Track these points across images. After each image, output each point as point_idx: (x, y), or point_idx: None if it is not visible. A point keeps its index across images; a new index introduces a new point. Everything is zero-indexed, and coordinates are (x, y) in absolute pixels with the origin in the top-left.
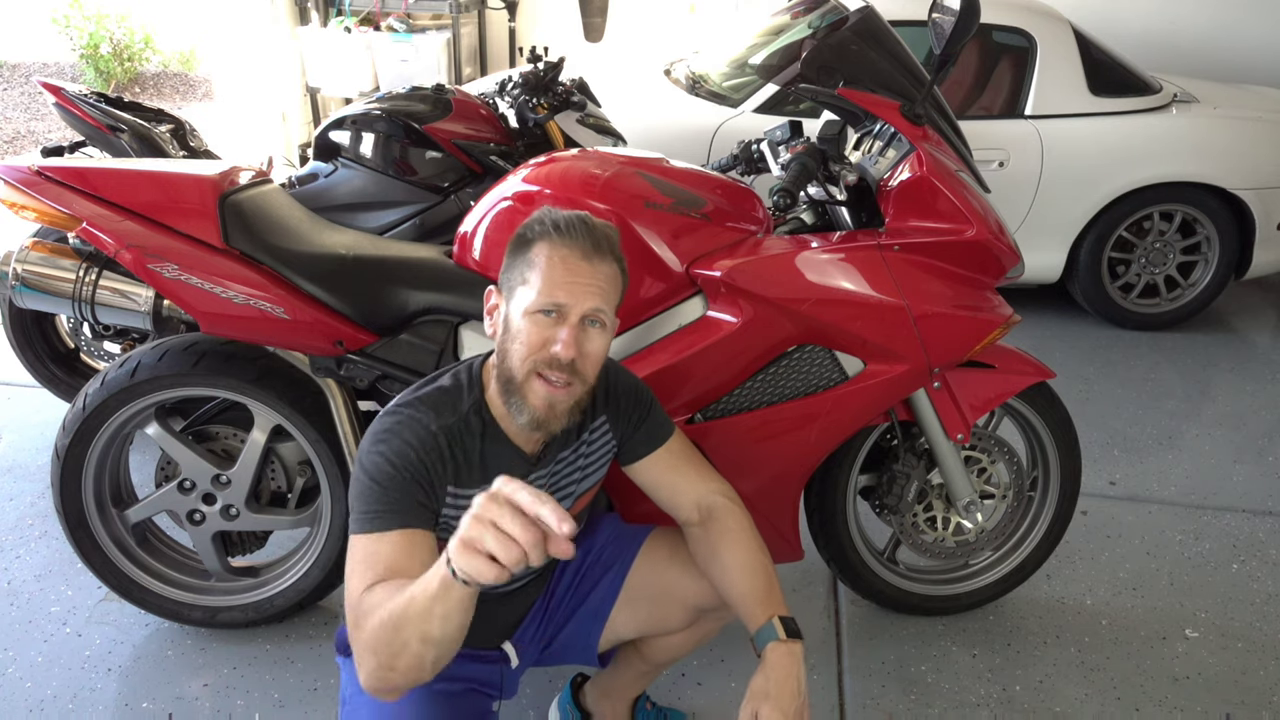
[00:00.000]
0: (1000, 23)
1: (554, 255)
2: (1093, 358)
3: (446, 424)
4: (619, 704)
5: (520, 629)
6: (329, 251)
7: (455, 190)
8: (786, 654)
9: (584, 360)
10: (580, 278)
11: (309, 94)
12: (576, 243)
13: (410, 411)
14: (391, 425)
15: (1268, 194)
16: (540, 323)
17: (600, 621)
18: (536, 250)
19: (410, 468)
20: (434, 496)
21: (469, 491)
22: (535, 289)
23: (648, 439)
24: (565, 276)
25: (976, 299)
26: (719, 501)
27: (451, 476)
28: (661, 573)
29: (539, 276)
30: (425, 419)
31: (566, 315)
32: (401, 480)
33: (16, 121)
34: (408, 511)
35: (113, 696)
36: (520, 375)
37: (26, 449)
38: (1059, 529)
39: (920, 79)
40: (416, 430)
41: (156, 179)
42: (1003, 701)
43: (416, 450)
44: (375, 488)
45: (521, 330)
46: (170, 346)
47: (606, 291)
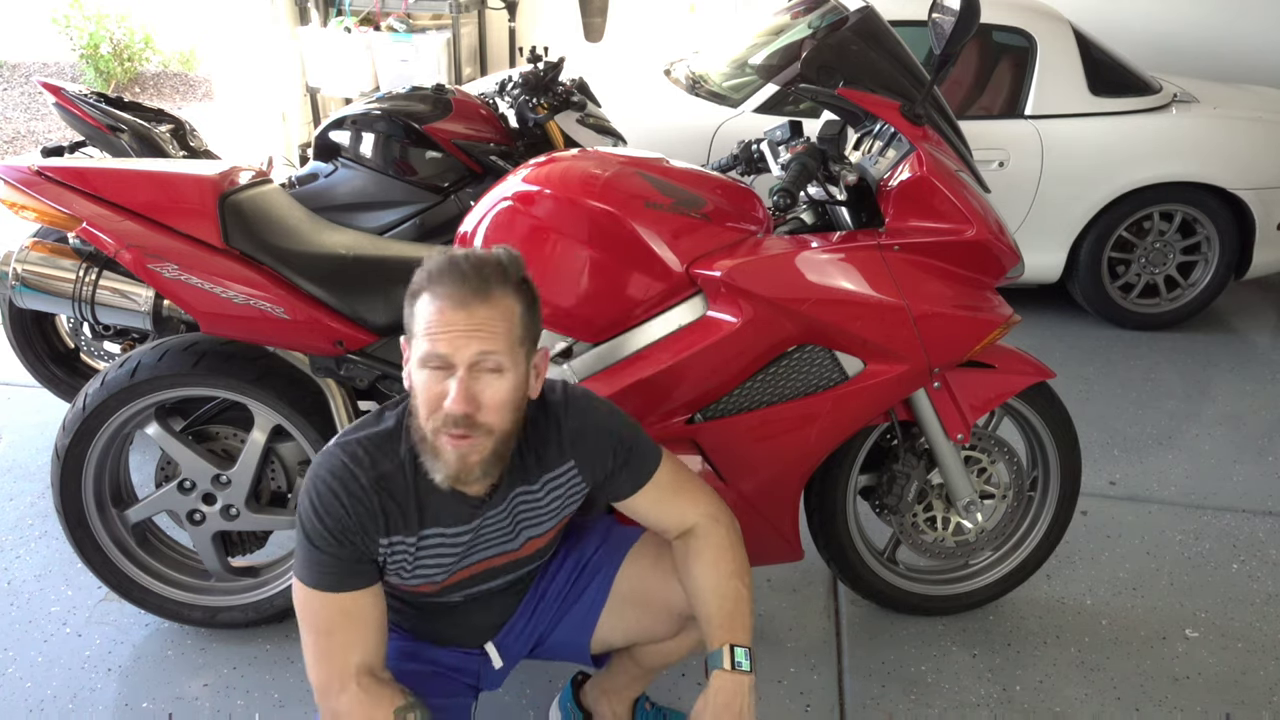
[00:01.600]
0: (1000, 23)
1: (431, 305)
2: (1093, 358)
3: (382, 472)
4: (619, 704)
5: (504, 630)
6: (329, 251)
7: (455, 190)
8: (731, 682)
9: (485, 412)
10: (457, 325)
11: (309, 94)
12: (450, 288)
13: (346, 459)
14: (326, 473)
15: (1268, 194)
16: (433, 377)
17: (589, 627)
18: (420, 301)
19: (341, 530)
20: (368, 549)
21: (402, 539)
22: (422, 343)
23: (630, 480)
24: (441, 327)
25: (976, 299)
26: (702, 522)
27: (384, 528)
28: (646, 579)
29: (422, 330)
30: (359, 469)
31: (453, 367)
32: (333, 543)
33: (16, 121)
34: (349, 575)
35: (113, 696)
36: (428, 434)
37: (26, 449)
38: (1059, 529)
39: (920, 79)
40: (348, 484)
41: (156, 179)
42: (1003, 701)
43: (346, 506)
44: (311, 549)
45: (419, 385)
46: (170, 346)
47: (495, 333)
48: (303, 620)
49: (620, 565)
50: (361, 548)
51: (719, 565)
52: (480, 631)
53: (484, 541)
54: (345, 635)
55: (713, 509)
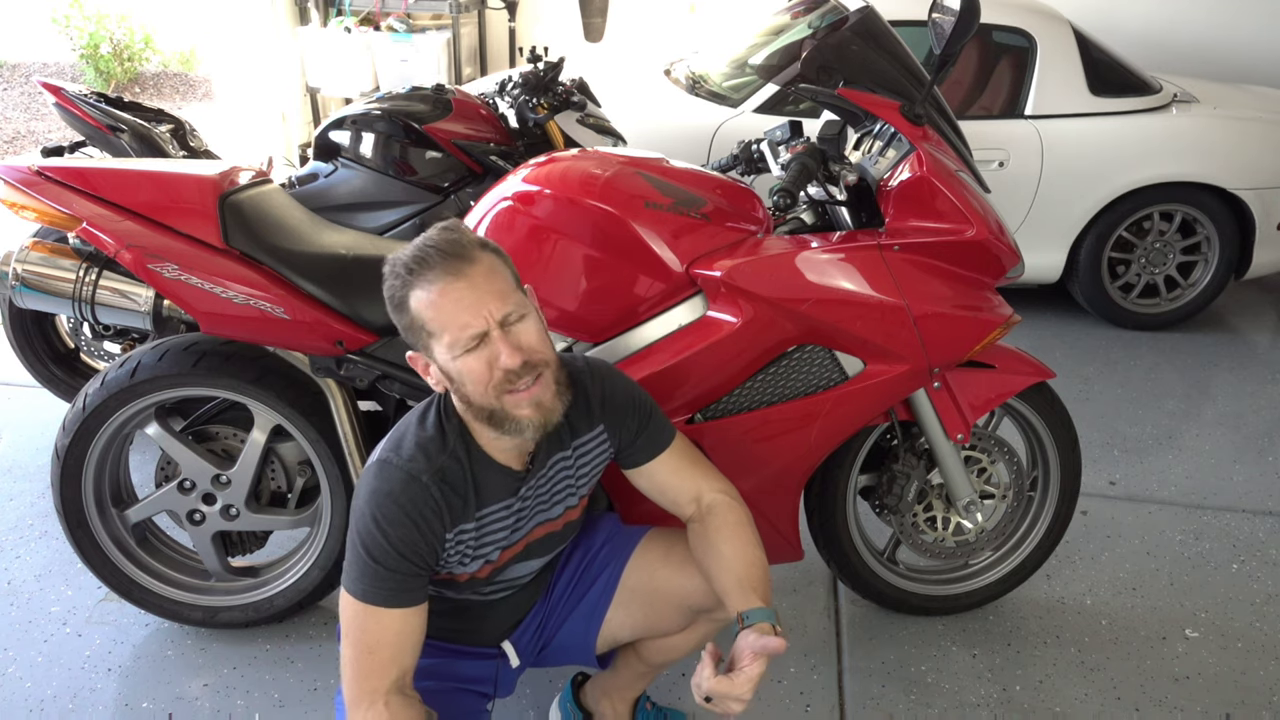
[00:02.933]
0: (1000, 23)
1: (430, 296)
2: (1093, 358)
3: (438, 465)
4: (619, 703)
5: (520, 628)
6: (329, 251)
7: (455, 190)
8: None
9: (532, 353)
10: (466, 296)
11: (309, 94)
12: (436, 270)
13: (402, 462)
14: (387, 485)
15: (1268, 194)
16: (473, 357)
17: (596, 622)
18: (414, 302)
19: (406, 542)
20: (433, 554)
21: (465, 527)
22: (444, 335)
23: (648, 446)
24: (455, 306)
25: (976, 299)
26: (719, 499)
27: (449, 522)
28: (655, 573)
29: (437, 324)
30: (416, 468)
31: (486, 330)
32: (396, 558)
33: (16, 121)
34: (403, 590)
35: (113, 696)
36: (495, 404)
37: (26, 449)
38: (1059, 529)
39: (920, 79)
40: (409, 488)
41: (156, 179)
42: (1003, 701)
43: (411, 515)
44: (370, 564)
45: (465, 372)
46: (170, 346)
47: (499, 287)
48: (348, 634)
49: (628, 560)
50: (425, 557)
51: (744, 536)
52: (501, 629)
53: (529, 512)
54: (387, 653)
55: (729, 488)
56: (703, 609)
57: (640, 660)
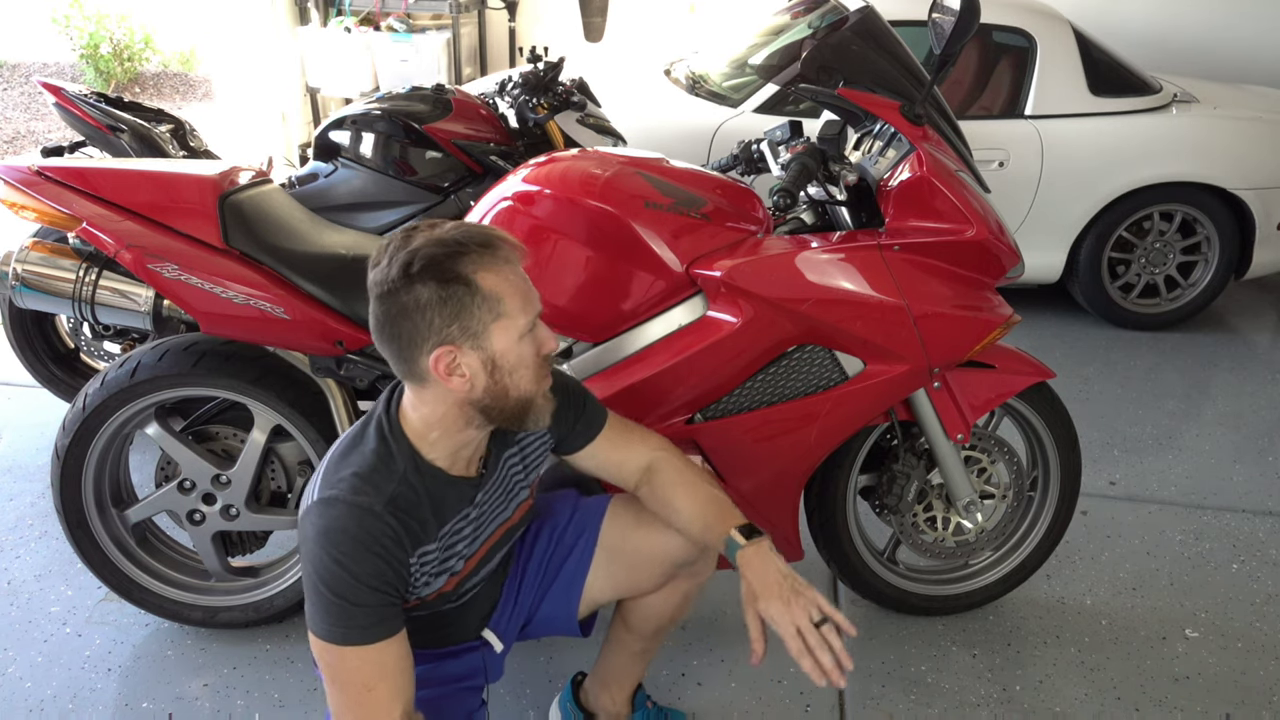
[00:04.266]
0: (1000, 23)
1: (505, 274)
2: (1093, 358)
3: (389, 494)
4: (618, 694)
5: (496, 613)
6: (329, 251)
7: (455, 190)
8: (754, 554)
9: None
10: (524, 282)
11: (309, 94)
12: (502, 251)
13: (350, 499)
14: (339, 524)
15: (1268, 194)
16: (529, 340)
17: (576, 590)
18: (484, 280)
19: (373, 575)
20: (402, 581)
21: (428, 548)
22: (513, 315)
23: (586, 429)
24: (524, 284)
25: (976, 299)
26: (656, 457)
27: (410, 548)
28: (629, 534)
29: (510, 302)
30: (367, 500)
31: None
32: (368, 591)
33: (16, 121)
34: (386, 622)
35: (113, 696)
36: (533, 393)
37: (26, 449)
38: (1059, 529)
39: (920, 79)
40: (365, 523)
41: (156, 179)
42: (1003, 701)
43: (371, 548)
44: (341, 605)
45: (522, 358)
46: (170, 346)
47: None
48: (335, 679)
49: (600, 527)
50: (396, 586)
51: (690, 481)
52: (477, 621)
53: (488, 516)
54: (387, 686)
55: (662, 442)
56: (681, 562)
57: (629, 632)
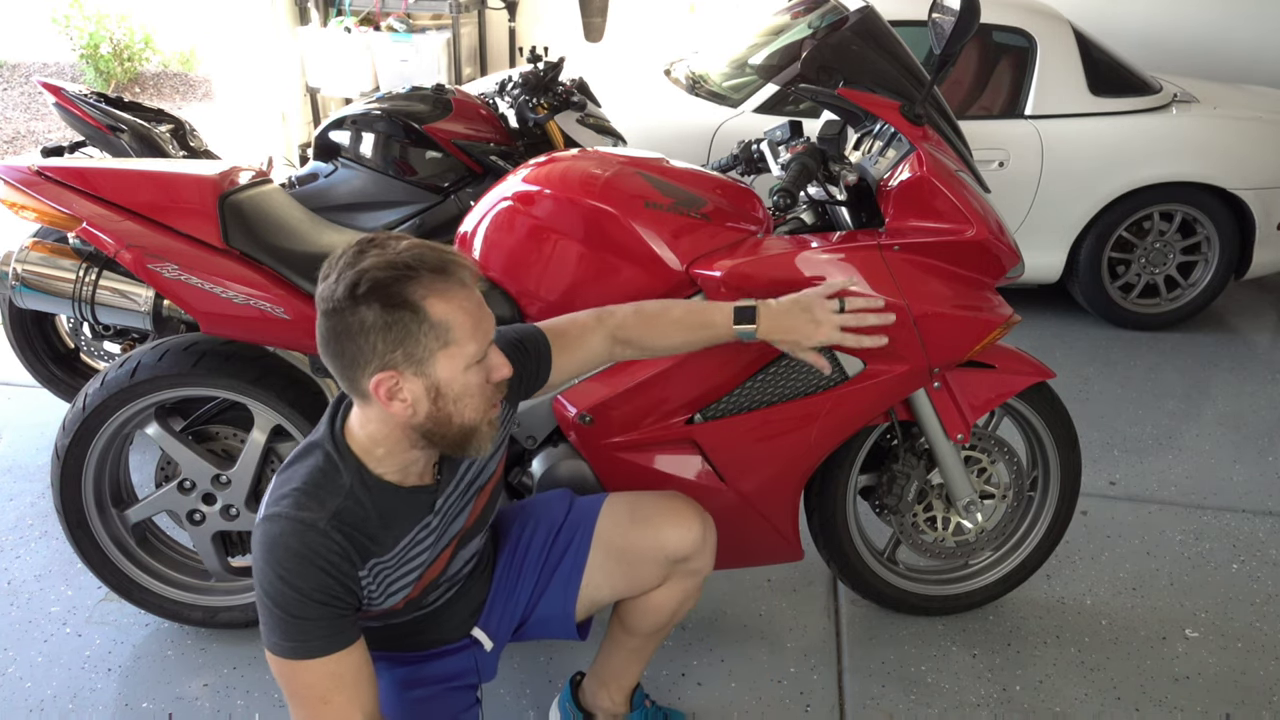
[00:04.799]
0: (1000, 23)
1: (459, 303)
2: (1093, 358)
3: (334, 509)
4: (616, 693)
5: (485, 612)
6: (329, 251)
7: (455, 190)
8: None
9: None
10: (482, 305)
11: (309, 94)
12: (449, 278)
13: (292, 514)
14: (280, 540)
15: (1268, 194)
16: (478, 370)
17: (573, 589)
18: (433, 307)
19: (319, 589)
20: (352, 594)
21: (382, 559)
22: (462, 344)
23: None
24: (475, 312)
25: (976, 299)
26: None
27: (358, 560)
28: (625, 531)
29: (458, 331)
30: (310, 516)
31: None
32: (315, 605)
33: (16, 121)
34: (338, 635)
35: (113, 696)
36: (480, 422)
37: (26, 449)
38: (1059, 529)
39: (920, 79)
40: (308, 538)
41: (156, 179)
42: (1003, 701)
43: (315, 562)
44: (290, 620)
45: (467, 386)
46: (170, 346)
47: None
48: (293, 694)
49: (595, 524)
50: (344, 598)
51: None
52: (463, 621)
53: (453, 511)
54: (344, 697)
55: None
56: (679, 557)
57: (626, 631)
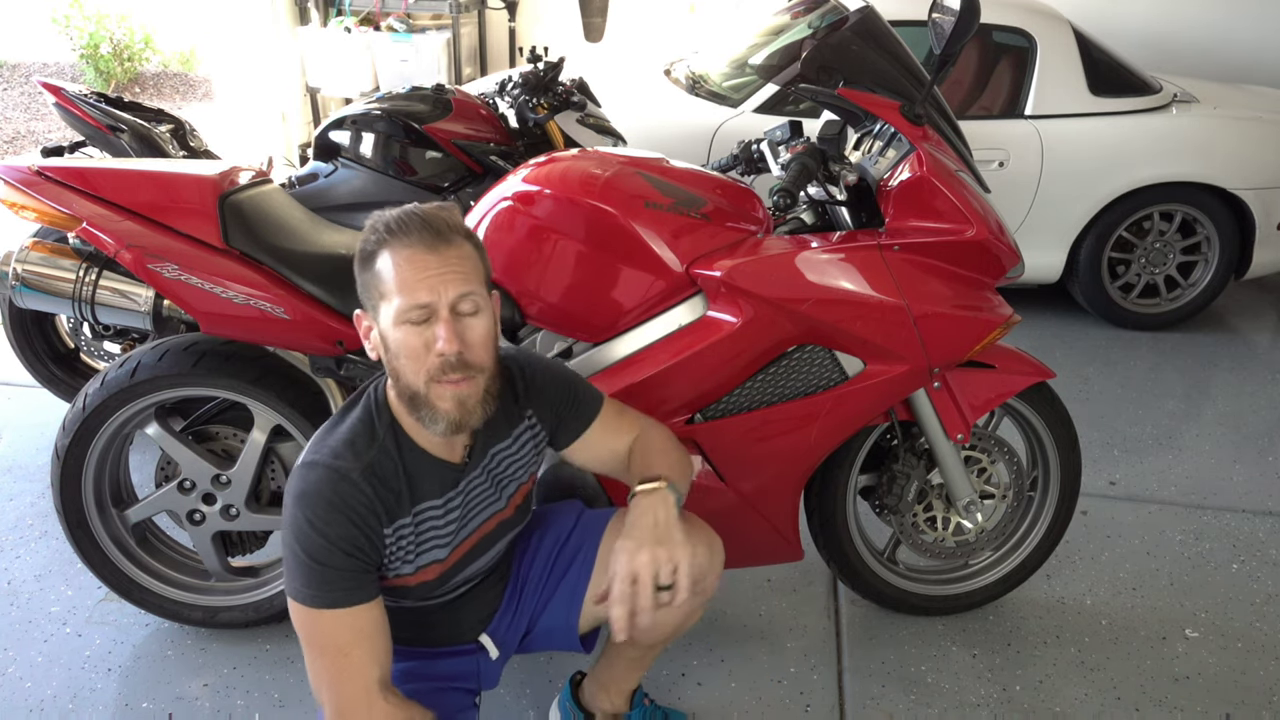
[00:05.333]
0: (1000, 23)
1: (397, 258)
2: (1093, 358)
3: (367, 461)
4: (616, 696)
5: (495, 620)
6: (329, 251)
7: (455, 190)
8: (646, 496)
9: (472, 350)
10: (430, 270)
11: (309, 94)
12: (414, 237)
13: (329, 463)
14: (315, 486)
15: (1268, 194)
16: (414, 331)
17: (577, 603)
18: (380, 260)
19: (345, 539)
20: (376, 550)
21: (403, 523)
22: (395, 299)
23: (579, 419)
24: (416, 274)
25: (976, 299)
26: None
27: (385, 518)
28: None
29: (392, 285)
30: (345, 466)
31: (436, 312)
32: (340, 555)
33: (16, 121)
34: (359, 589)
35: (113, 696)
36: (420, 387)
37: (26, 449)
38: (1059, 529)
39: (920, 79)
40: (339, 487)
41: (156, 179)
42: (1003, 701)
43: (345, 512)
44: (314, 566)
45: (401, 345)
46: (170, 346)
47: (466, 273)
48: (311, 643)
49: (601, 538)
50: (368, 552)
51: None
52: (473, 625)
53: (474, 506)
54: (363, 651)
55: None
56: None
57: (628, 642)
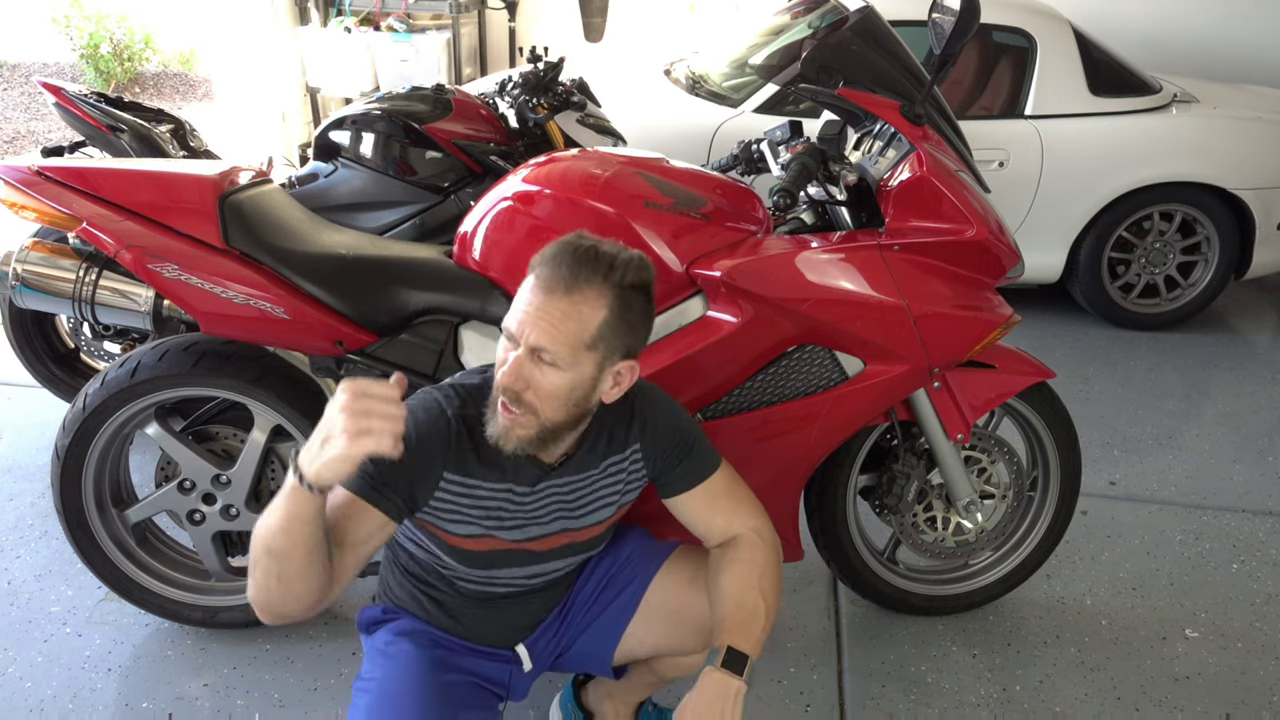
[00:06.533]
0: (1000, 23)
1: (532, 277)
2: (1093, 358)
3: (467, 414)
4: (622, 706)
5: (536, 633)
6: (329, 251)
7: (455, 190)
8: (719, 683)
9: (532, 394)
10: (536, 309)
11: (309, 94)
12: (551, 271)
13: (439, 393)
14: (413, 401)
15: (1268, 194)
16: (504, 345)
17: (616, 635)
18: (531, 271)
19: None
20: (417, 481)
21: (469, 480)
22: (507, 319)
23: (689, 475)
24: (522, 303)
25: (976, 299)
26: (748, 535)
27: (453, 464)
28: (682, 593)
29: (519, 297)
30: (447, 404)
31: (519, 343)
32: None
33: (16, 121)
34: (378, 488)
35: (113, 696)
36: (495, 391)
37: (26, 449)
38: (1059, 529)
39: (920, 79)
40: (432, 412)
41: (156, 179)
42: (1003, 701)
43: (421, 429)
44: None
45: (499, 357)
46: (170, 346)
47: (560, 330)
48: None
49: (653, 577)
50: (412, 474)
51: (749, 577)
52: (515, 630)
53: (546, 510)
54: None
55: (761, 525)
56: None
57: (652, 673)
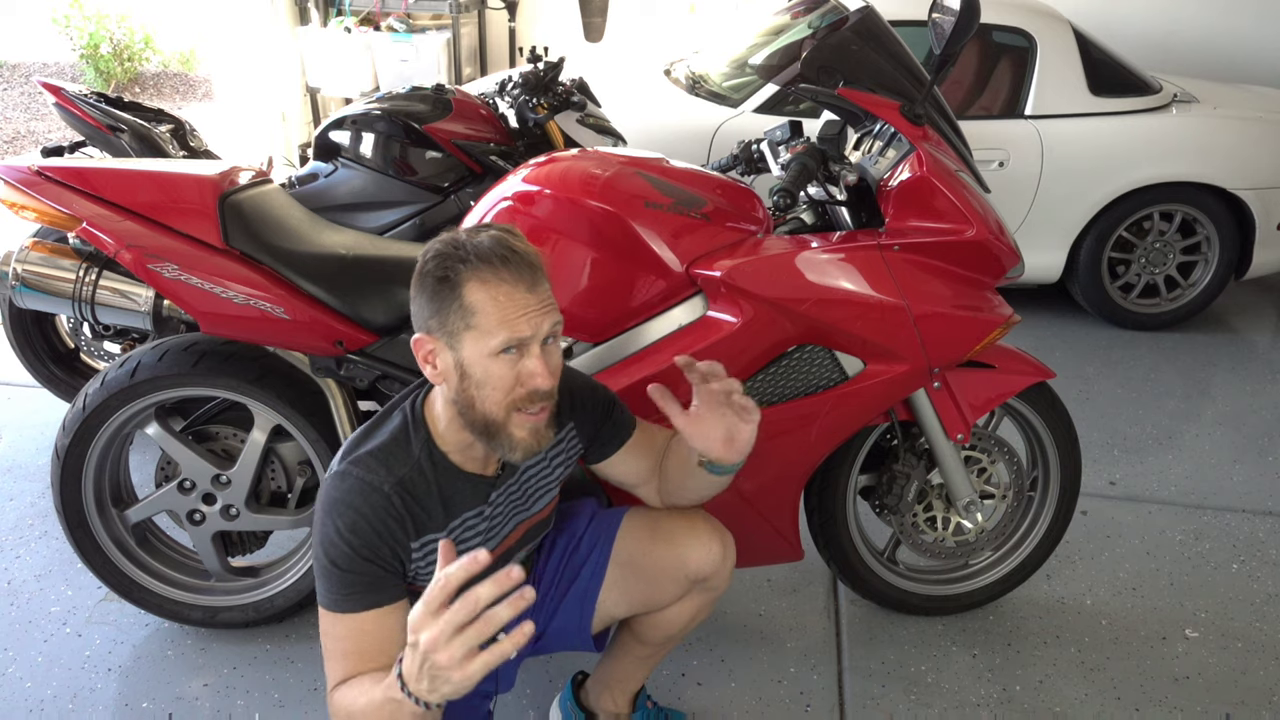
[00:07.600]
0: (1000, 23)
1: (495, 293)
2: (1093, 358)
3: (400, 476)
4: (620, 696)
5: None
6: (329, 251)
7: (455, 190)
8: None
9: (554, 379)
10: (531, 307)
11: (309, 94)
12: (510, 273)
13: (361, 473)
14: (344, 495)
15: (1268, 194)
16: (506, 361)
17: (590, 603)
18: (469, 291)
19: (368, 547)
20: (399, 560)
21: (434, 536)
22: (490, 331)
23: (618, 433)
24: (517, 311)
25: (976, 299)
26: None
27: (413, 532)
28: (645, 547)
29: (488, 318)
30: (377, 479)
31: (529, 346)
32: (360, 561)
33: (16, 121)
34: (372, 591)
35: (113, 696)
36: (499, 416)
37: (26, 449)
38: (1059, 529)
39: (920, 79)
40: (369, 497)
41: (156, 179)
42: (1003, 701)
43: (372, 523)
44: (335, 571)
45: (489, 374)
46: (170, 346)
47: (553, 303)
48: (333, 650)
49: (615, 538)
50: (391, 561)
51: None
52: None
53: (505, 515)
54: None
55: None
56: (698, 578)
57: (637, 640)
